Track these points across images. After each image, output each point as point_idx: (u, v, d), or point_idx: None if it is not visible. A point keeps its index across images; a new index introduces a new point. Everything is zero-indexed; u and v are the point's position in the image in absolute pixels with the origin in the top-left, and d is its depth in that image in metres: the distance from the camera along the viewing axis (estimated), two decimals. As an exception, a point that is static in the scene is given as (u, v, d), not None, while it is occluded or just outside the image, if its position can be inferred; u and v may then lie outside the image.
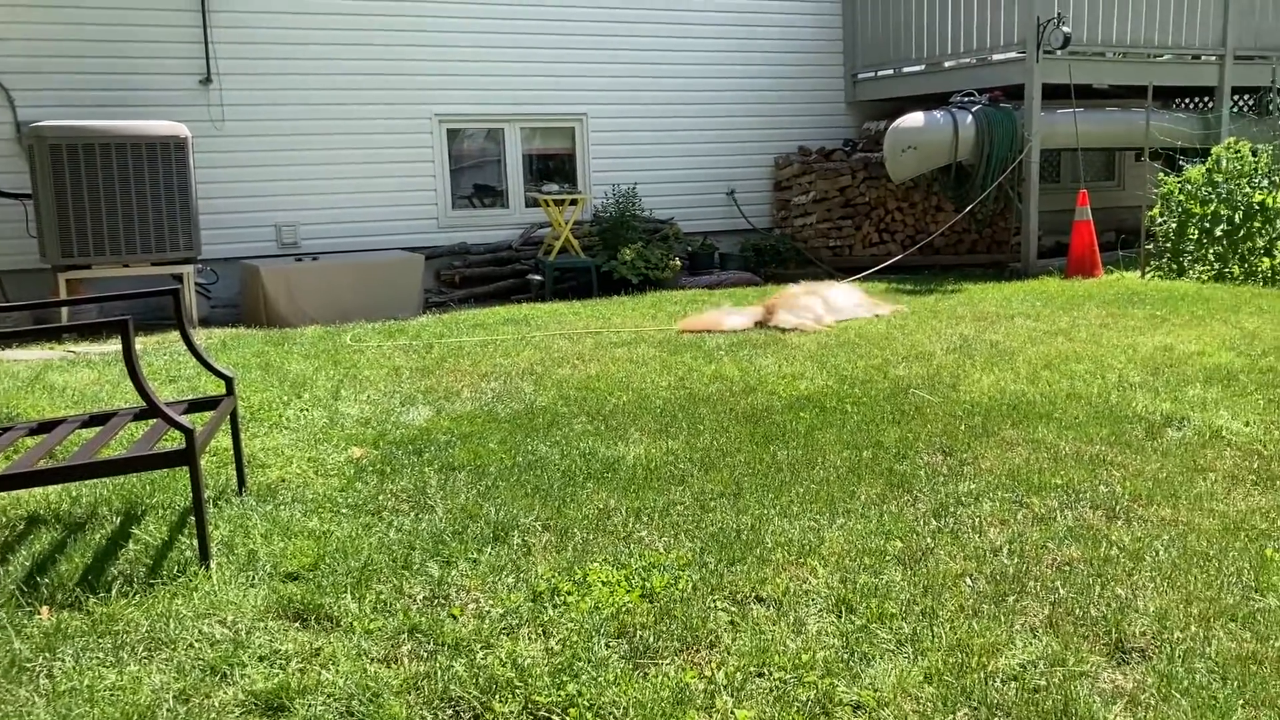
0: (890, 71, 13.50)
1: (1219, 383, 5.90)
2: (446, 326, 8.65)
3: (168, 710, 2.71)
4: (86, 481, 4.29)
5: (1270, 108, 12.83)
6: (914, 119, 11.71)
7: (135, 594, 3.37)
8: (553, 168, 12.75)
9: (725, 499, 4.19)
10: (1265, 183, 10.41)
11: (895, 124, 11.81)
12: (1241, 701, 2.68)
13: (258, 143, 10.94)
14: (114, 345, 8.07)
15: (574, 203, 11.74)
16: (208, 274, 10.55)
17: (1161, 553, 3.59)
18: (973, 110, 11.75)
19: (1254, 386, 5.80)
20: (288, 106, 11.04)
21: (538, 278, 11.58)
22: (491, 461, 4.72)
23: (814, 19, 13.66)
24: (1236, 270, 10.35)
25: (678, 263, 11.79)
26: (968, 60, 12.51)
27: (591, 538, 3.80)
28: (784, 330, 7.95)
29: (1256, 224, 10.29)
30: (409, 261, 10.81)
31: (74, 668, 2.92)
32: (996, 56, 12.10)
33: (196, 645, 3.03)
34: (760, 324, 8.21)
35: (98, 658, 2.98)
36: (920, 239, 12.78)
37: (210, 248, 10.33)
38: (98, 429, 4.13)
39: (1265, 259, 10.17)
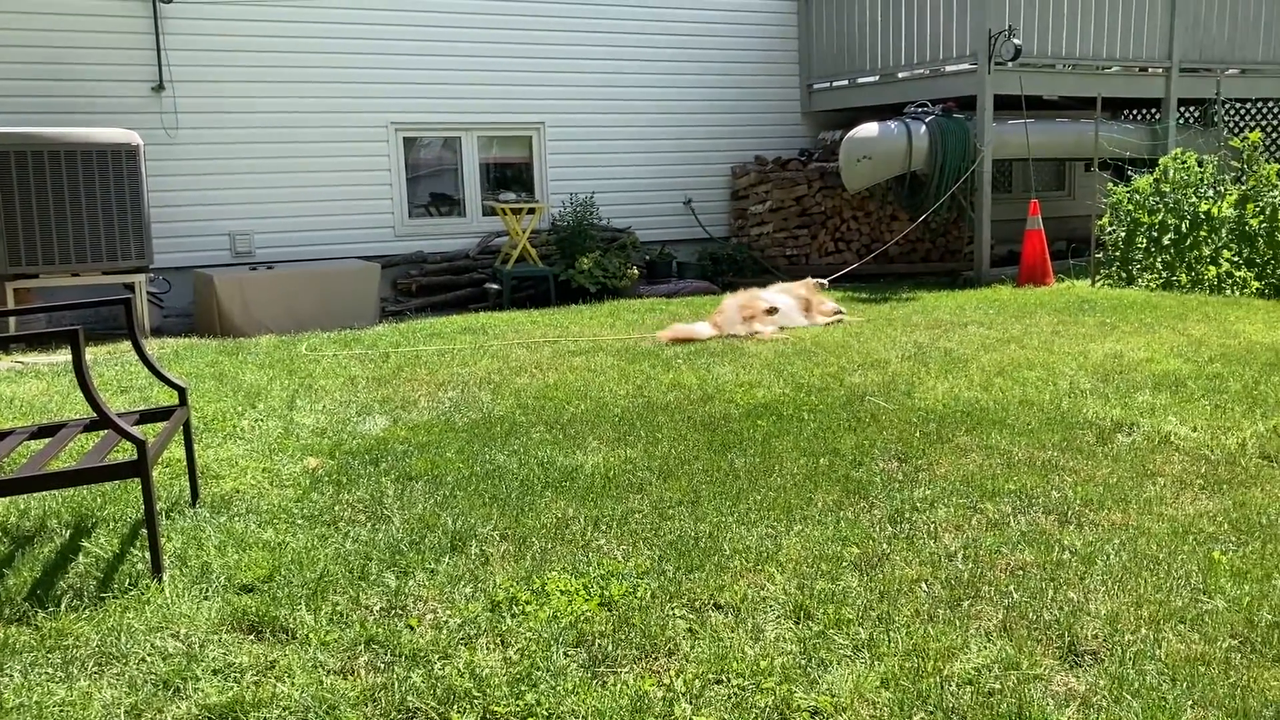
0: (845, 82, 13.63)
1: (1167, 389, 6.00)
2: (403, 335, 8.60)
3: (119, 726, 2.67)
4: (35, 494, 4.22)
5: (1215, 119, 13.10)
6: (869, 129, 11.83)
7: (86, 608, 3.32)
8: (510, 176, 12.74)
9: (683, 507, 4.20)
10: (1211, 192, 10.62)
11: (850, 134, 11.92)
12: (1190, 702, 2.73)
13: (211, 150, 10.83)
14: (63, 356, 7.95)
15: (531, 211, 11.73)
16: (160, 283, 10.42)
17: (1112, 556, 3.64)
18: (926, 120, 11.88)
19: (1201, 392, 5.91)
20: (242, 114, 10.94)
21: (495, 286, 11.55)
22: (449, 471, 4.70)
23: (770, 29, 13.77)
24: (1184, 278, 10.54)
25: (635, 271, 11.82)
26: (921, 71, 12.67)
27: (550, 547, 3.80)
28: (747, 336, 7.99)
29: (1203, 233, 10.49)
30: (365, 270, 10.75)
31: (22, 684, 2.87)
32: (949, 68, 12.26)
33: (149, 659, 2.99)
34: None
35: (47, 673, 2.93)
36: (875, 248, 12.90)
37: (163, 256, 10.20)
38: (47, 440, 4.06)
39: (1211, 267, 10.36)
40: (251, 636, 3.15)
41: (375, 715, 2.71)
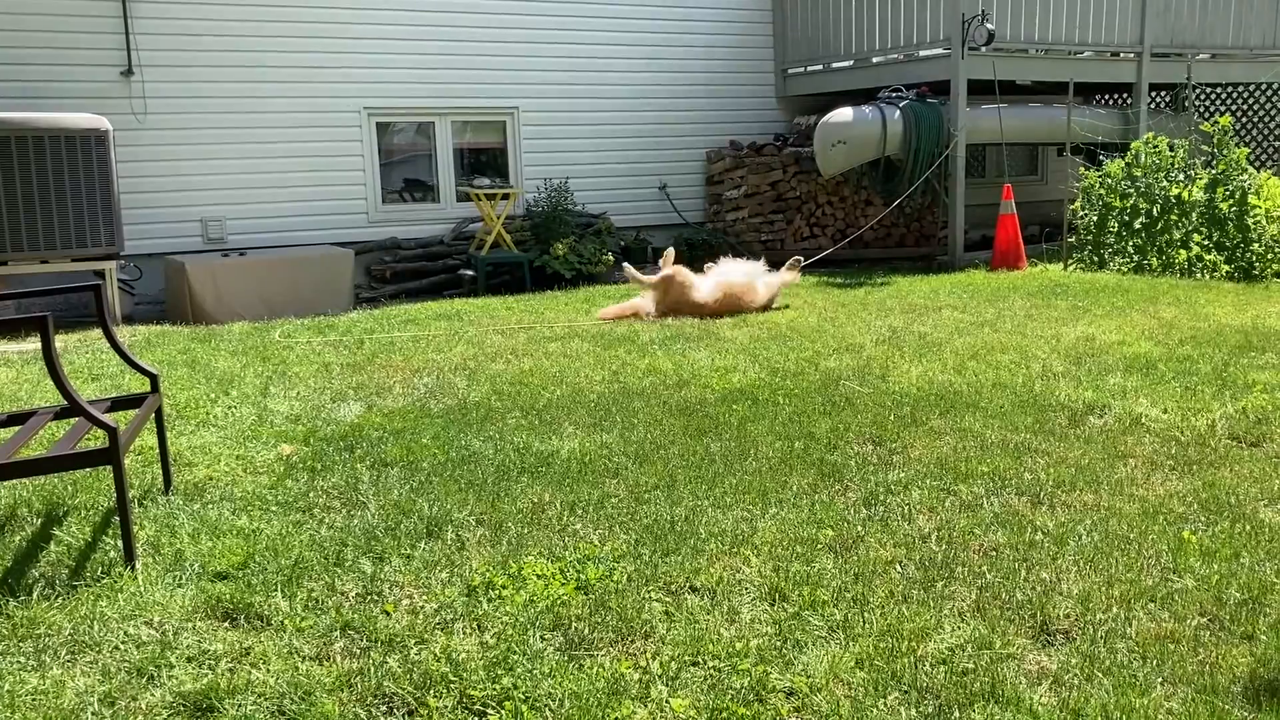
0: (820, 67, 13.64)
1: (1138, 371, 6.06)
2: (377, 322, 8.57)
3: (93, 714, 2.65)
4: (5, 482, 4.18)
5: (1186, 103, 13.19)
6: (843, 114, 11.85)
7: (58, 596, 3.29)
8: (484, 162, 12.68)
9: (659, 491, 4.21)
10: (1181, 176, 10.71)
11: (825, 119, 11.93)
12: (1160, 679, 2.76)
13: (182, 136, 10.72)
14: (33, 343, 7.86)
15: (506, 197, 11.69)
16: (131, 270, 10.32)
17: (1084, 537, 3.68)
18: (900, 105, 11.91)
19: (1171, 375, 5.96)
20: (212, 99, 10.83)
21: (470, 273, 11.50)
22: (424, 457, 4.68)
23: (744, 14, 13.75)
24: (1154, 262, 10.63)
25: (611, 257, 11.79)
26: (895, 56, 12.69)
27: (526, 531, 3.80)
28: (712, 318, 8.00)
29: (1173, 217, 10.57)
30: (339, 257, 10.68)
31: (-6, 673, 2.85)
32: (923, 52, 12.29)
33: (122, 647, 2.97)
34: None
35: (19, 662, 2.91)
36: (850, 233, 12.94)
37: (134, 243, 10.10)
38: (17, 428, 4.02)
39: (1181, 251, 10.45)
40: (226, 623, 3.13)
41: (351, 701, 2.71)
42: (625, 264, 9.22)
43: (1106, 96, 14.88)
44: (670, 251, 9.16)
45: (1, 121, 8.87)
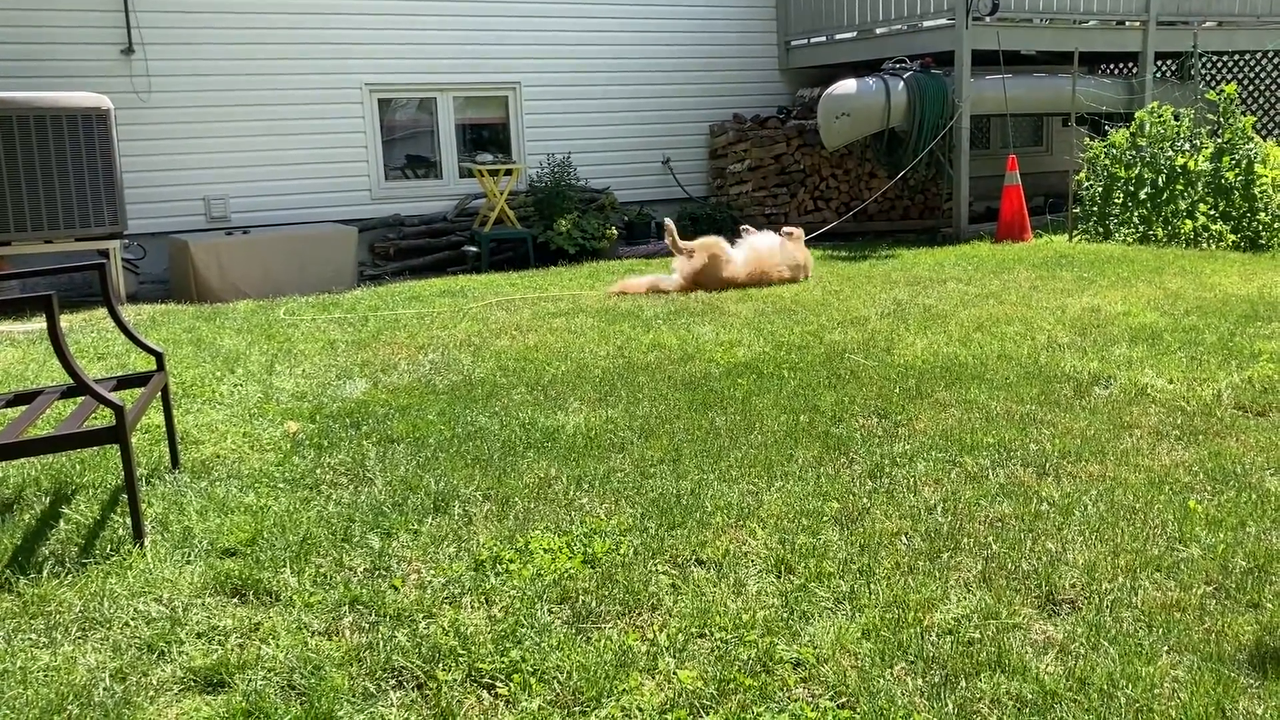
0: (823, 38, 13.56)
1: (1144, 342, 6.05)
2: (382, 299, 8.56)
3: (104, 689, 2.67)
4: (13, 461, 4.20)
5: (1192, 72, 13.10)
6: (847, 86, 11.78)
7: (67, 574, 3.31)
8: (487, 138, 12.64)
9: (665, 465, 4.22)
10: (1187, 146, 10.65)
11: (828, 91, 11.87)
12: (1166, 648, 2.77)
13: (184, 114, 10.69)
14: (38, 323, 7.88)
15: (509, 173, 11.66)
16: (135, 249, 10.32)
17: (1090, 507, 3.68)
18: (904, 77, 11.84)
19: (1177, 345, 5.95)
20: (214, 77, 10.79)
21: (473, 249, 11.49)
22: (430, 433, 4.69)
23: (747, -15, 13.66)
24: (1160, 232, 10.59)
25: (614, 232, 11.77)
26: (899, 27, 12.60)
27: (533, 506, 3.81)
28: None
29: (1179, 187, 10.52)
30: (342, 234, 10.67)
31: (5, 650, 2.87)
32: (927, 23, 12.20)
33: (132, 624, 2.99)
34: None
35: (30, 639, 2.93)
36: (855, 206, 12.89)
37: (137, 222, 10.09)
38: (23, 408, 4.03)
39: (1187, 221, 10.41)
40: (235, 599, 3.15)
41: (360, 674, 2.72)
42: (667, 220, 9.14)
43: (1112, 66, 14.78)
44: (670, 222, 9.10)
45: (2, 101, 8.84)
